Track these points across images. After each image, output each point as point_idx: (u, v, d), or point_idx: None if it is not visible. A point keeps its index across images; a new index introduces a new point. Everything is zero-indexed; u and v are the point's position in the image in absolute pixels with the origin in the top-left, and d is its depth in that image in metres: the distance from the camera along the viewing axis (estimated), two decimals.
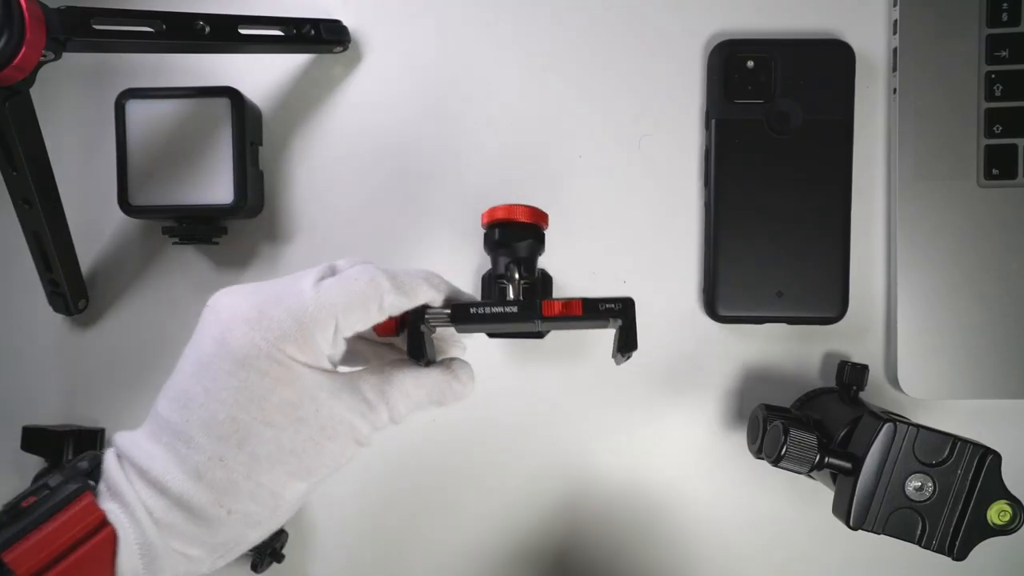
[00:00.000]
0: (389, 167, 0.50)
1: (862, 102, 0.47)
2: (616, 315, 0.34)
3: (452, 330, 0.36)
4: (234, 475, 0.29)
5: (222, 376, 0.29)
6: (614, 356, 0.35)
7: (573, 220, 0.49)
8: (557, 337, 0.49)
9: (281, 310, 0.30)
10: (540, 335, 0.43)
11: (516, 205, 0.39)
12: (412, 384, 0.33)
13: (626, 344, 0.34)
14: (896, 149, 0.47)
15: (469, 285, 0.49)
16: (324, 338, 0.30)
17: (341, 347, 0.32)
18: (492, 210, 0.39)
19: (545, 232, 0.41)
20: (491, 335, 0.44)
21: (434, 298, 0.34)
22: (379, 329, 0.34)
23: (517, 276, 0.39)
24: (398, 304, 0.32)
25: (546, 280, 0.46)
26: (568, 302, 0.33)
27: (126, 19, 0.40)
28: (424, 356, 0.34)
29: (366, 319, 0.31)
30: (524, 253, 0.39)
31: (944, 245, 0.46)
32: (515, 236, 0.39)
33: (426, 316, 0.34)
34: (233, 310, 0.30)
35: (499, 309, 0.33)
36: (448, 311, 0.34)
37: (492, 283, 0.40)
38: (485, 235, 0.40)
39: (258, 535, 0.31)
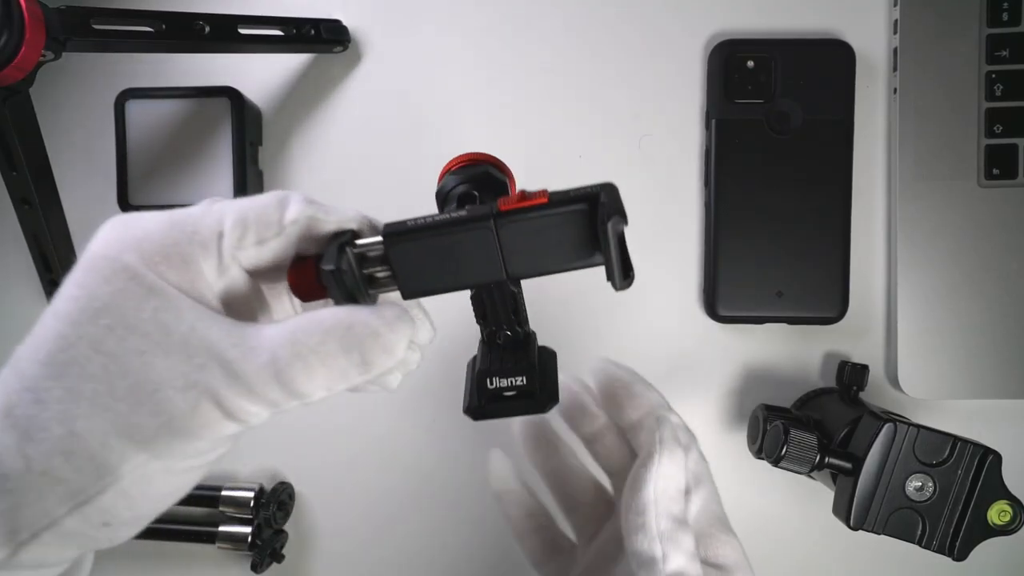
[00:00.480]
0: (389, 167, 0.50)
1: (862, 102, 0.47)
2: (592, 208, 0.24)
3: (404, 305, 0.27)
4: (45, 414, 0.22)
5: (68, 285, 0.23)
6: (612, 282, 0.25)
7: None
8: (552, 328, 0.49)
9: (161, 221, 0.24)
10: (514, 282, 0.27)
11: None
12: (310, 327, 0.23)
13: (623, 263, 0.24)
14: (896, 149, 0.47)
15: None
16: (208, 261, 0.24)
17: (237, 282, 0.25)
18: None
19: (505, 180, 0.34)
20: (451, 291, 0.27)
21: (363, 230, 0.26)
22: (295, 283, 0.26)
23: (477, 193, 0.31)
24: (306, 217, 0.25)
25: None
26: (530, 193, 0.25)
27: (126, 19, 0.40)
28: (347, 297, 0.25)
29: (262, 234, 0.25)
30: (480, 177, 0.32)
31: (944, 245, 0.46)
32: (468, 169, 0.32)
33: (354, 243, 0.25)
34: (114, 222, 0.24)
35: (444, 216, 0.24)
36: (379, 237, 0.25)
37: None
38: (436, 192, 0.33)
39: (92, 531, 0.23)
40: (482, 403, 0.27)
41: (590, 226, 0.24)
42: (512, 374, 0.27)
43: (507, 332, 0.28)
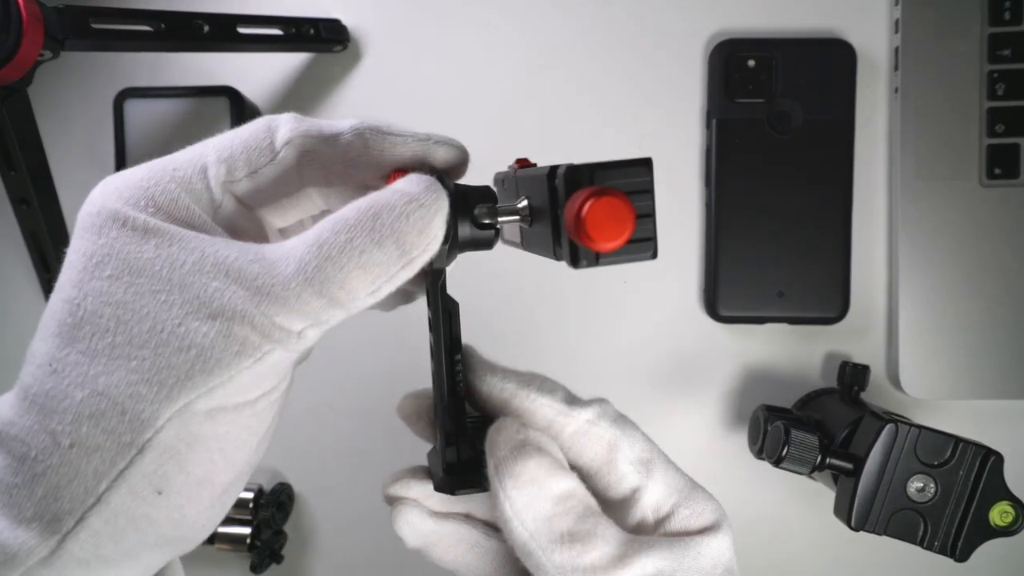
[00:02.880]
0: None
1: (863, 101, 0.47)
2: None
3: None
4: (63, 383, 0.20)
5: (66, 256, 0.22)
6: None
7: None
8: (552, 329, 0.49)
9: (140, 167, 0.23)
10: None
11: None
12: (336, 226, 0.21)
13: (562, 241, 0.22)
14: (897, 149, 0.47)
15: (470, 290, 0.49)
16: (195, 197, 0.22)
17: (238, 218, 0.24)
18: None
19: None
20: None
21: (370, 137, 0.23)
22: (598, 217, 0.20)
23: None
24: (300, 135, 0.23)
25: None
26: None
27: (125, 18, 0.40)
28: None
29: (253, 163, 0.23)
30: None
31: (946, 245, 0.46)
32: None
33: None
34: (98, 184, 0.23)
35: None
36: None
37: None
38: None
39: (147, 506, 0.21)
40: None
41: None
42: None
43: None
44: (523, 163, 0.25)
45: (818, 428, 0.43)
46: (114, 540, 0.21)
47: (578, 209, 0.18)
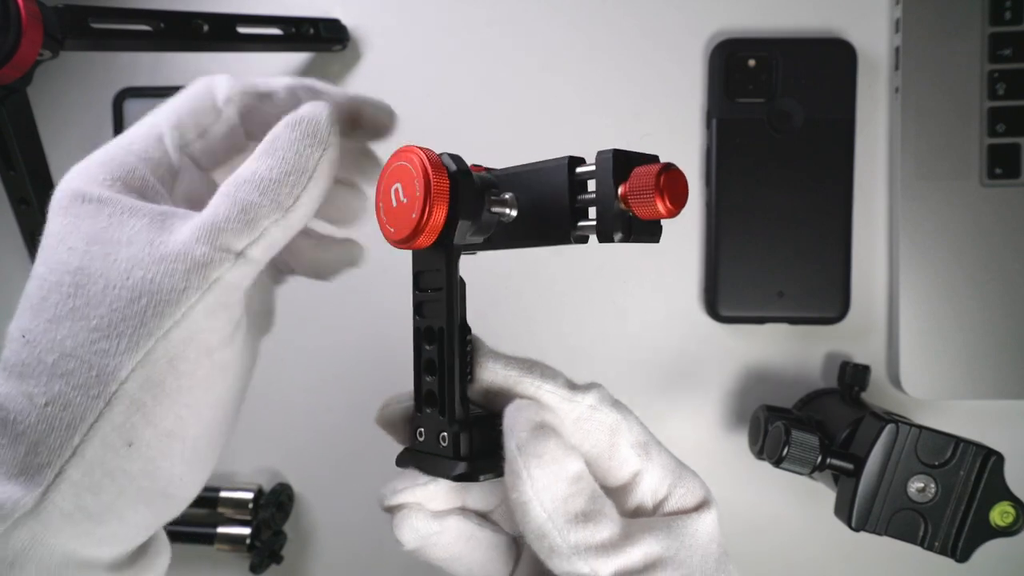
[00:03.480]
0: None
1: (864, 101, 0.47)
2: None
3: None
4: (36, 350, 0.22)
5: (43, 237, 0.24)
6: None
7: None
8: (551, 329, 0.49)
9: (104, 147, 0.25)
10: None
11: None
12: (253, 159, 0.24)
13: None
14: (898, 148, 0.46)
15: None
16: (154, 166, 0.25)
17: (197, 182, 0.26)
18: None
19: None
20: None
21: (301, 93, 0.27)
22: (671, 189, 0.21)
23: None
24: (239, 92, 0.26)
25: None
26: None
27: (124, 18, 0.40)
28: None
29: (200, 122, 0.26)
30: None
31: (946, 245, 0.46)
32: None
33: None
34: (76, 165, 0.25)
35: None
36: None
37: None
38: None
39: (121, 459, 0.22)
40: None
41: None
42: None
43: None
44: (476, 168, 0.26)
45: (818, 428, 0.42)
46: (93, 492, 0.22)
47: (657, 180, 0.21)
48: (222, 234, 0.23)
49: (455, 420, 0.25)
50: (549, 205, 0.24)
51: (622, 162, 0.22)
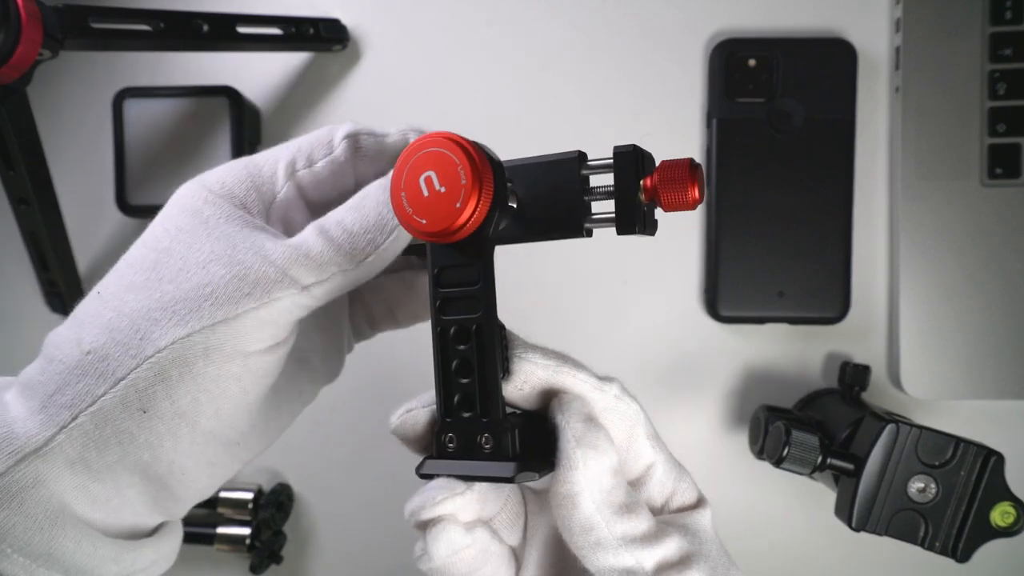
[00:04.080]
0: None
1: (864, 101, 0.47)
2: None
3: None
4: (103, 305, 0.24)
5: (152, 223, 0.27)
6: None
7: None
8: (551, 329, 0.49)
9: (230, 165, 0.27)
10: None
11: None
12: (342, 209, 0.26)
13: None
14: (898, 148, 0.46)
15: None
16: (268, 172, 0.27)
17: (290, 194, 0.28)
18: None
19: None
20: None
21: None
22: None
23: None
24: (354, 132, 0.28)
25: None
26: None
27: (124, 18, 0.40)
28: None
29: (313, 155, 0.28)
30: None
31: (947, 245, 0.46)
32: None
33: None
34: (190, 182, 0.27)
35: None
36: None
37: None
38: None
39: (132, 422, 0.23)
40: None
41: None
42: None
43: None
44: None
45: (819, 428, 0.42)
46: (98, 448, 0.23)
47: (691, 171, 0.22)
48: (295, 266, 0.24)
49: (502, 419, 0.24)
50: (557, 198, 0.24)
51: (642, 157, 0.23)
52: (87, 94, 0.51)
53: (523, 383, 0.25)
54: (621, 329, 0.49)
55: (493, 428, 0.24)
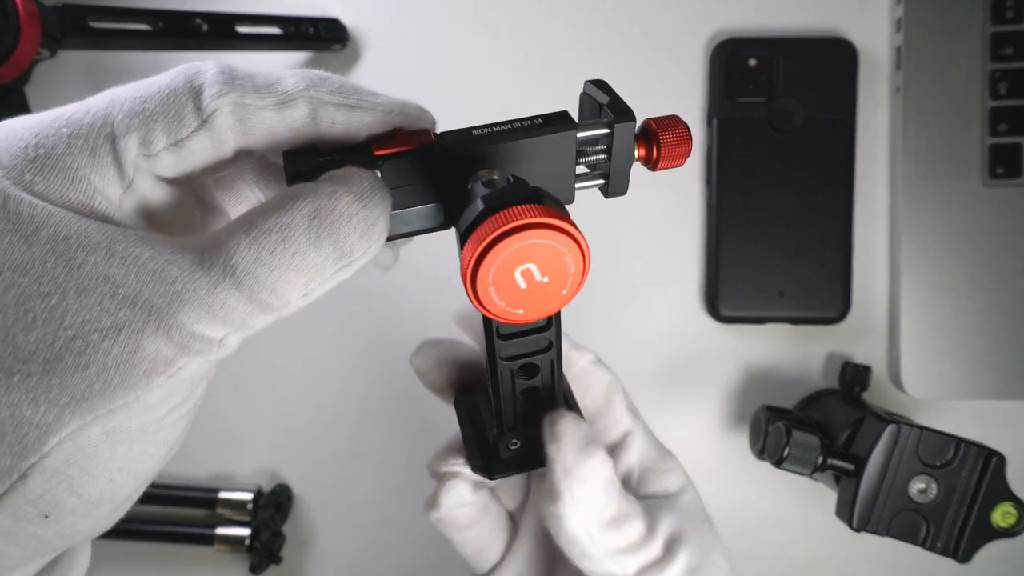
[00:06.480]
0: None
1: (865, 101, 0.47)
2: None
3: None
4: None
5: None
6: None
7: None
8: None
9: (31, 121, 0.19)
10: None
11: None
12: (267, 223, 0.18)
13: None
14: (899, 148, 0.46)
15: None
16: (101, 174, 0.18)
17: (158, 197, 0.20)
18: None
19: None
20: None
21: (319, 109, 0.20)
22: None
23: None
24: (231, 101, 0.19)
25: None
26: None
27: (123, 17, 0.40)
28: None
29: (176, 133, 0.19)
30: None
31: (947, 245, 0.45)
32: None
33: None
34: None
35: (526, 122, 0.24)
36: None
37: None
38: None
39: (34, 527, 0.18)
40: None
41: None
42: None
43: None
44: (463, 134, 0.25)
45: (819, 429, 0.42)
46: (7, 560, 0.19)
47: (685, 136, 0.23)
48: (207, 320, 0.17)
49: (504, 422, 0.26)
50: (549, 172, 0.23)
51: (632, 123, 0.23)
52: (86, 94, 0.50)
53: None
54: (621, 329, 0.49)
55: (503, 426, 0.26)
